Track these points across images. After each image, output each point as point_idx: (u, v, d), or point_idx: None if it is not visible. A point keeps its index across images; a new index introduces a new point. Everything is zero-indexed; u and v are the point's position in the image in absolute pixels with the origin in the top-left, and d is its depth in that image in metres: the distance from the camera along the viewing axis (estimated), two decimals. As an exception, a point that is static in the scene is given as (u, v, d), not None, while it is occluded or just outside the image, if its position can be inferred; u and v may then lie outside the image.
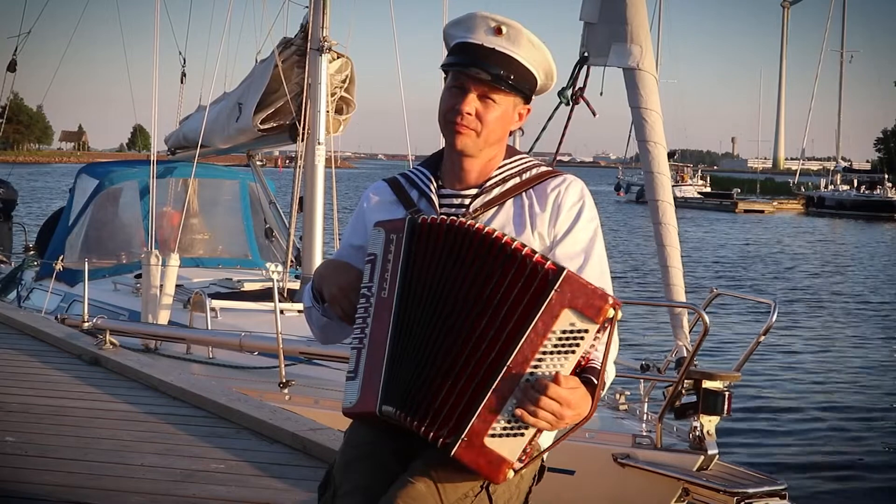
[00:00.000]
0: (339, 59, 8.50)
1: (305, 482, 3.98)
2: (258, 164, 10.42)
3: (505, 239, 2.10)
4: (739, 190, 66.58)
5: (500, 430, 2.06)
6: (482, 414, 2.05)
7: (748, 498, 4.81)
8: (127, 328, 7.32)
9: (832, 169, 67.75)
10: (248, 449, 4.54)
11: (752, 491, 4.84)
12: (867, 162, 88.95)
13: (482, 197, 2.31)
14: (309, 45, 8.34)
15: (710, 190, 68.23)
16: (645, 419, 5.48)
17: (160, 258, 7.67)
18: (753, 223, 50.22)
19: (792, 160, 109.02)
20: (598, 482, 5.13)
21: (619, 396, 5.75)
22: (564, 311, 2.04)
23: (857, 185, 63.21)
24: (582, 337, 2.05)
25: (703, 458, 4.97)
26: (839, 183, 62.84)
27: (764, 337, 5.18)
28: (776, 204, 64.07)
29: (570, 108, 6.02)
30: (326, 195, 8.36)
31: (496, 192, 2.31)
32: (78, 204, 9.72)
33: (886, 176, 63.05)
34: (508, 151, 2.37)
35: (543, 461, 2.27)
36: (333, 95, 8.55)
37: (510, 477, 2.09)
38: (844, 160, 73.00)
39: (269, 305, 6.71)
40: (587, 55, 5.98)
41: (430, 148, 3.08)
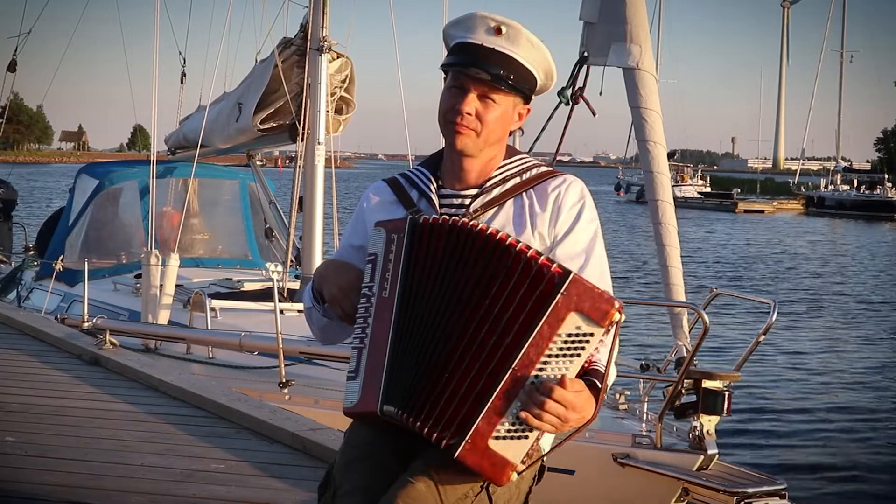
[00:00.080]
0: (338, 58, 8.50)
1: (305, 482, 3.98)
2: (258, 164, 10.42)
3: (509, 240, 2.09)
4: (739, 190, 66.57)
5: (504, 432, 2.06)
6: (486, 416, 2.05)
7: (748, 498, 4.81)
8: (127, 328, 7.32)
9: (832, 169, 67.74)
10: (248, 449, 4.54)
11: (751, 491, 4.84)
12: (867, 162, 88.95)
13: (482, 197, 2.31)
14: (309, 45, 8.34)
15: (710, 190, 68.20)
16: (645, 419, 5.48)
17: (160, 258, 7.67)
18: (753, 223, 50.21)
19: (792, 160, 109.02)
20: (597, 482, 5.13)
21: (618, 396, 5.75)
22: (570, 314, 2.03)
23: (857, 185, 63.21)
24: (587, 340, 2.04)
25: (702, 457, 4.97)
26: (839, 183, 62.83)
27: (764, 337, 5.18)
28: (776, 204, 64.05)
29: (569, 107, 6.02)
30: (326, 195, 8.36)
31: (496, 192, 2.31)
32: (78, 204, 9.72)
33: (886, 176, 63.05)
34: (508, 151, 2.37)
35: (543, 461, 2.27)
36: (333, 95, 8.56)
37: (513, 479, 2.09)
38: (844, 160, 72.98)
39: (268, 305, 6.71)
40: (587, 55, 5.99)
41: (430, 148, 3.08)
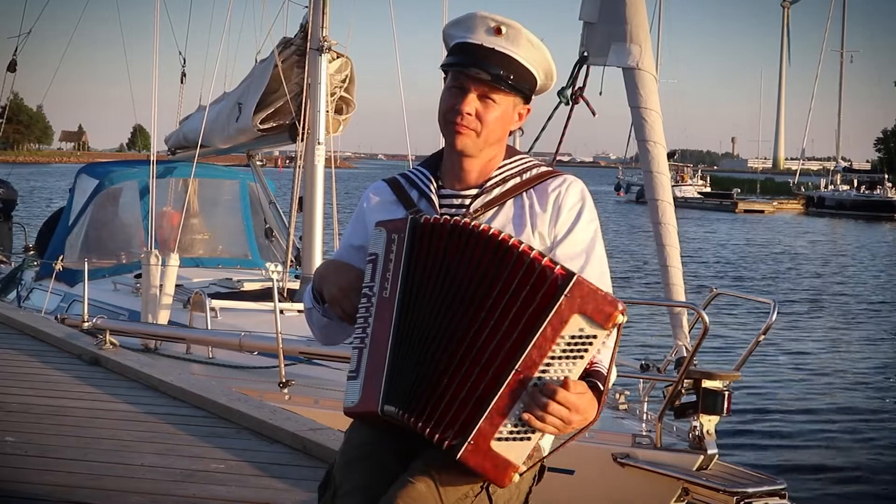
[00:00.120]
0: (338, 58, 8.51)
1: (305, 482, 3.98)
2: (258, 164, 10.42)
3: (512, 241, 2.08)
4: (739, 190, 66.55)
5: (506, 433, 2.05)
6: (489, 417, 2.04)
7: (748, 497, 4.81)
8: (127, 328, 7.32)
9: (832, 169, 67.74)
10: (248, 449, 4.54)
11: (751, 490, 4.83)
12: (867, 162, 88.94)
13: (482, 197, 2.30)
14: (309, 44, 8.34)
15: (710, 190, 68.19)
16: (645, 419, 5.48)
17: (160, 258, 7.67)
18: (753, 223, 50.21)
19: (792, 160, 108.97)
20: (597, 482, 5.13)
21: (618, 396, 5.75)
22: (574, 316, 2.03)
23: (857, 185, 63.21)
24: (591, 342, 2.04)
25: (702, 457, 4.97)
26: (839, 183, 62.83)
27: (764, 337, 5.18)
28: (776, 204, 64.04)
29: (569, 107, 6.02)
30: (326, 195, 8.36)
31: (496, 192, 2.31)
32: (78, 204, 9.73)
33: (886, 176, 63.04)
34: (508, 151, 2.37)
35: (543, 461, 2.27)
36: (333, 95, 8.56)
37: (515, 481, 2.09)
38: (844, 160, 72.97)
39: (268, 305, 6.72)
40: (587, 55, 5.99)
41: (430, 148, 3.08)
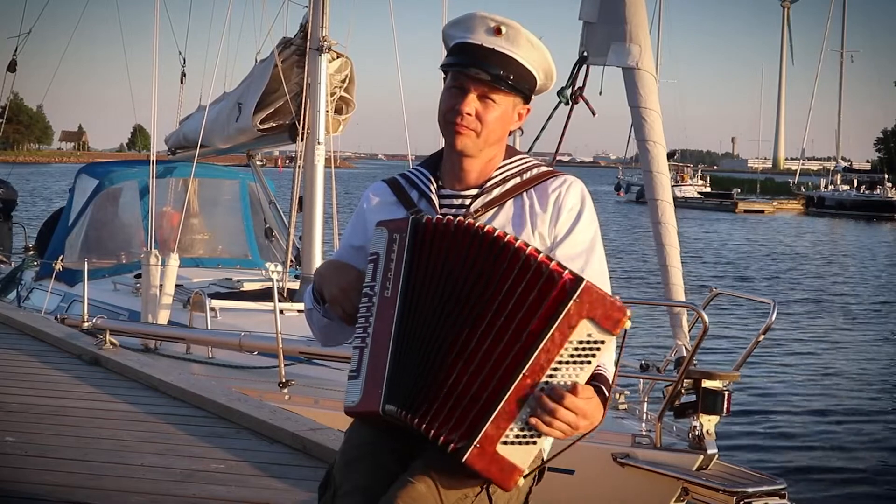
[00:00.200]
0: (338, 58, 8.51)
1: (305, 482, 3.98)
2: (258, 164, 10.43)
3: (518, 244, 2.08)
4: (739, 190, 66.54)
5: (513, 437, 2.05)
6: (495, 421, 2.03)
7: (747, 497, 4.81)
8: (127, 328, 7.32)
9: (832, 169, 67.70)
10: (248, 449, 4.54)
11: (751, 490, 4.83)
12: (867, 162, 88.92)
13: (482, 197, 2.30)
14: (308, 44, 8.35)
15: (710, 190, 68.17)
16: (644, 419, 5.47)
17: (160, 258, 7.67)
18: (753, 223, 50.21)
19: (792, 160, 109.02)
20: (597, 482, 5.13)
21: (618, 396, 5.75)
22: (582, 321, 2.02)
23: (857, 185, 63.19)
24: (598, 348, 2.04)
25: (702, 457, 4.97)
26: (839, 183, 62.81)
27: (763, 336, 5.18)
28: (776, 204, 64.02)
29: (569, 107, 6.02)
30: (326, 195, 8.36)
31: (496, 192, 2.31)
32: (78, 204, 9.73)
33: (886, 176, 63.03)
34: (508, 151, 2.37)
35: (543, 461, 2.27)
36: (333, 95, 8.56)
37: (520, 485, 2.08)
38: (844, 160, 72.95)
39: (268, 305, 6.72)
40: (586, 55, 5.99)
41: (430, 148, 3.07)
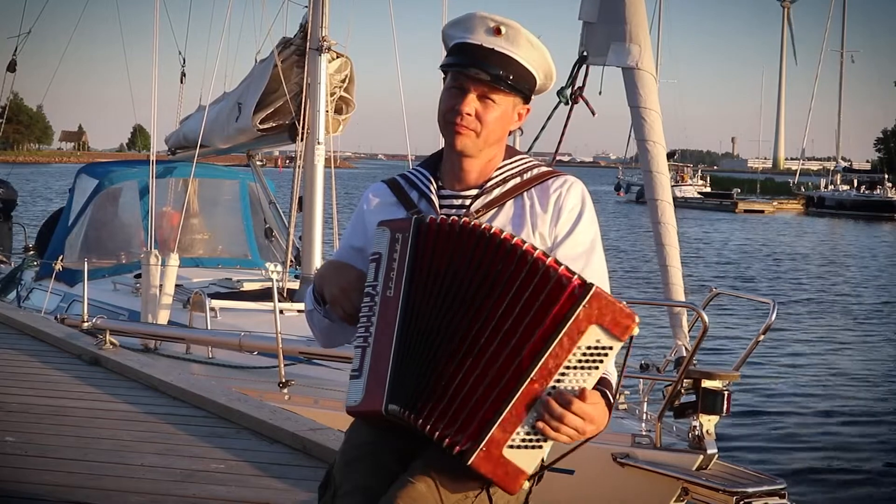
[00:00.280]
0: (338, 58, 8.51)
1: (305, 482, 3.98)
2: (258, 164, 10.43)
3: (526, 246, 2.07)
4: (739, 190, 66.51)
5: (519, 441, 2.05)
6: (502, 424, 2.03)
7: (747, 497, 4.81)
8: (127, 328, 7.32)
9: (832, 169, 67.68)
10: (248, 449, 4.54)
11: (751, 490, 4.83)
12: (867, 162, 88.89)
13: (483, 198, 2.30)
14: (308, 44, 8.35)
15: (710, 190, 68.15)
16: (644, 419, 5.47)
17: (160, 258, 7.68)
18: (753, 223, 50.20)
19: (792, 160, 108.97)
20: (597, 482, 5.13)
21: (618, 396, 5.74)
22: (591, 327, 2.02)
23: (857, 185, 63.16)
24: (606, 354, 2.04)
25: (702, 457, 4.97)
26: (839, 183, 62.79)
27: (763, 336, 5.18)
28: (776, 204, 64.01)
29: (569, 107, 6.02)
30: (326, 195, 8.36)
31: (496, 192, 2.31)
32: (78, 204, 9.73)
33: (886, 176, 62.99)
34: (508, 151, 2.37)
35: (543, 461, 2.28)
36: (333, 95, 8.56)
37: (525, 488, 2.08)
38: (844, 160, 72.92)
39: (268, 305, 6.72)
40: (586, 54, 5.98)
41: (430, 148, 3.08)
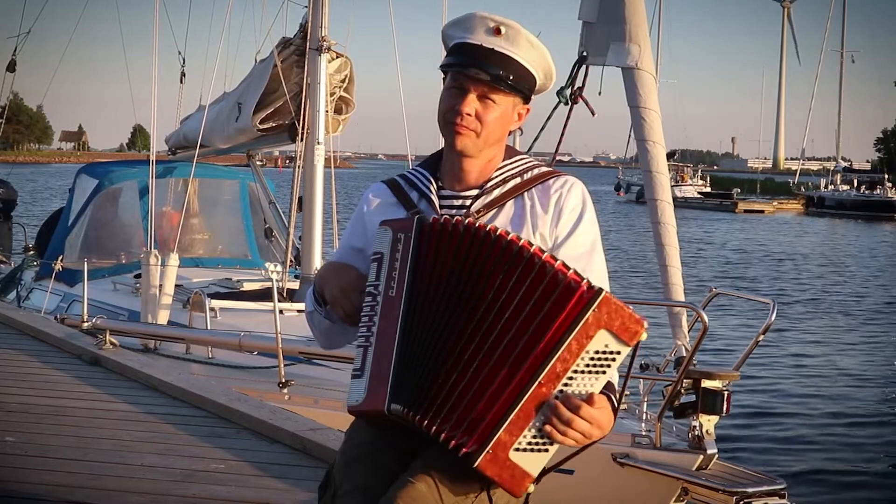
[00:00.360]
0: (338, 58, 8.51)
1: (305, 482, 3.98)
2: (258, 164, 10.43)
3: (533, 249, 2.07)
4: (739, 190, 66.47)
5: (525, 444, 2.05)
6: (509, 427, 2.03)
7: (747, 497, 4.80)
8: (127, 328, 7.32)
9: (832, 169, 67.66)
10: (248, 449, 4.54)
11: (751, 490, 4.83)
12: (867, 162, 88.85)
13: (483, 198, 2.30)
14: (308, 44, 8.35)
15: (710, 190, 68.11)
16: (644, 419, 5.47)
17: (160, 258, 7.68)
18: (753, 223, 50.19)
19: (792, 160, 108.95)
20: (597, 482, 5.13)
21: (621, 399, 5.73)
22: (600, 331, 2.02)
23: (857, 185, 63.14)
24: (614, 359, 2.04)
25: (702, 457, 4.96)
26: (839, 183, 62.76)
27: (763, 336, 5.18)
28: (776, 204, 63.98)
29: (569, 107, 6.02)
30: (326, 195, 8.36)
31: (497, 192, 2.31)
32: (77, 204, 9.73)
33: (886, 176, 62.97)
34: (508, 152, 2.37)
35: (545, 465, 2.27)
36: (333, 95, 8.56)
37: (531, 491, 2.08)
38: (844, 160, 72.92)
39: (268, 305, 6.72)
40: (586, 54, 5.98)
41: (430, 148, 3.08)
